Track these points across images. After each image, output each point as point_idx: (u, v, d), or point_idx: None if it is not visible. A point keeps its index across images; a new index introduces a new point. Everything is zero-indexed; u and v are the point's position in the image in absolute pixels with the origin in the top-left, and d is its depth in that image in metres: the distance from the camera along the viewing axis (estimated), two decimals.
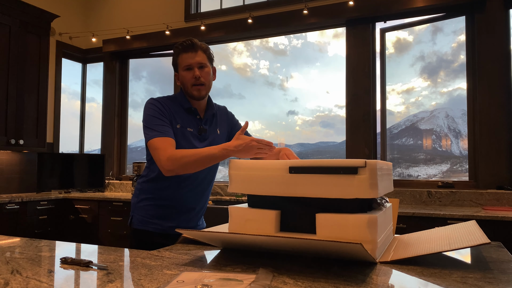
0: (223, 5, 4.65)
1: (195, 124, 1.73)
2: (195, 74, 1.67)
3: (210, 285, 0.88)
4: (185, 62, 1.68)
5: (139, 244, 1.66)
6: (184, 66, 1.69)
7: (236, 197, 3.91)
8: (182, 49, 1.69)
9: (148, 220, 1.71)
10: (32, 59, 4.32)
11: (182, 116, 1.71)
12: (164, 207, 1.72)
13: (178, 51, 1.70)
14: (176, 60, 1.72)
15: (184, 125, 1.70)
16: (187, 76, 1.69)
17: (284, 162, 1.25)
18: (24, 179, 4.59)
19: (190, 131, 1.70)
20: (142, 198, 1.74)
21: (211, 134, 1.78)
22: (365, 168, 1.12)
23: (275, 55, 4.94)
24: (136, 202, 1.76)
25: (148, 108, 1.66)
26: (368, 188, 1.11)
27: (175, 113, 1.69)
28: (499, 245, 1.39)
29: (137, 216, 1.73)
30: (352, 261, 1.12)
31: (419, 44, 4.02)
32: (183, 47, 1.69)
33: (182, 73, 1.70)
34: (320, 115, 4.64)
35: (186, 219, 1.76)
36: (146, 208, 1.72)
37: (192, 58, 1.67)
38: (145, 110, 1.67)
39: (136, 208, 1.75)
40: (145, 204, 1.73)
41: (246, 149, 1.47)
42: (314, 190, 1.18)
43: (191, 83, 1.69)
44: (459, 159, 3.91)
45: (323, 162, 1.18)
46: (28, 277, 0.97)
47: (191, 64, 1.68)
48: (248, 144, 1.46)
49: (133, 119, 5.36)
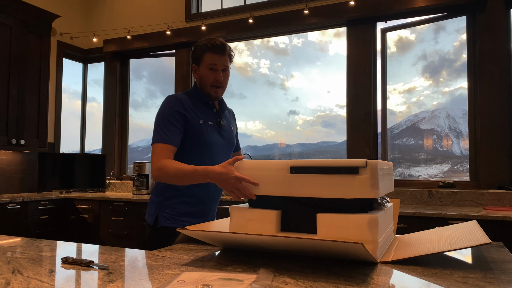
0: (223, 5, 4.65)
1: (213, 117, 1.78)
2: (217, 76, 1.71)
3: (211, 285, 0.88)
4: (211, 62, 1.70)
5: (166, 242, 1.57)
6: (208, 65, 1.71)
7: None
8: (212, 49, 1.70)
9: (177, 218, 1.71)
10: (33, 59, 4.33)
11: (202, 110, 1.74)
12: (192, 204, 1.74)
13: (206, 48, 1.71)
14: (201, 56, 1.72)
15: (206, 119, 1.73)
16: (209, 76, 1.71)
17: (285, 162, 1.25)
18: (25, 179, 4.59)
19: (211, 125, 1.75)
20: (169, 195, 1.74)
21: (228, 128, 1.84)
22: (366, 168, 1.12)
23: (276, 54, 4.94)
24: (162, 200, 1.75)
25: (165, 109, 1.68)
26: (369, 188, 1.11)
27: (196, 109, 1.72)
28: (500, 245, 1.39)
29: (164, 214, 1.72)
30: (353, 261, 1.12)
31: (421, 43, 4.02)
32: (213, 46, 1.69)
33: (205, 71, 1.72)
34: (321, 115, 4.64)
35: (211, 214, 1.82)
36: (175, 206, 1.72)
37: (219, 60, 1.70)
38: (162, 109, 1.68)
39: (163, 206, 1.73)
40: (174, 202, 1.73)
41: (223, 183, 1.37)
42: (315, 190, 1.18)
43: (211, 83, 1.72)
44: (460, 159, 3.90)
45: (324, 162, 1.18)
46: (29, 277, 0.97)
47: (216, 65, 1.70)
48: (227, 179, 1.34)
49: (134, 119, 5.36)
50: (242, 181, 1.29)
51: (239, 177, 1.30)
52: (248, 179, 1.28)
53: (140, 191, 4.51)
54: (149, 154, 5.61)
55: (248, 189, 1.29)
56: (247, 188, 1.29)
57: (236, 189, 1.32)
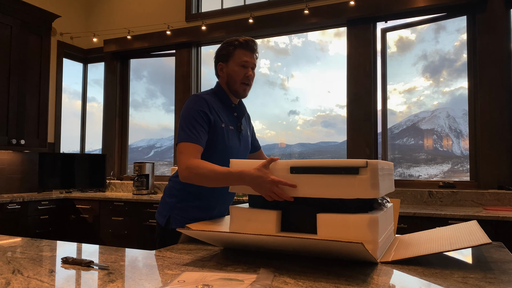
0: (224, 5, 4.65)
1: (234, 121, 1.76)
2: (248, 73, 1.71)
3: (211, 285, 0.88)
4: (243, 58, 1.70)
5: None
6: (240, 62, 1.70)
7: (237, 197, 3.91)
8: (245, 45, 1.70)
9: (189, 222, 1.66)
10: (34, 59, 4.33)
11: (224, 113, 1.72)
12: (203, 209, 1.71)
13: (238, 44, 1.71)
14: (232, 52, 1.71)
15: (227, 123, 1.71)
16: (240, 72, 1.70)
17: (285, 162, 1.25)
18: (25, 179, 4.60)
19: (232, 129, 1.73)
20: (182, 198, 1.71)
21: (245, 133, 1.83)
22: (366, 168, 1.12)
23: (276, 54, 4.94)
24: (175, 202, 1.71)
25: (192, 107, 1.63)
26: (369, 188, 1.11)
27: (219, 112, 1.70)
28: (500, 245, 1.39)
29: (177, 217, 1.69)
30: (353, 261, 1.12)
31: (422, 42, 4.02)
32: (246, 42, 1.70)
33: (235, 67, 1.71)
34: (321, 115, 4.63)
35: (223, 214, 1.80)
36: (187, 209, 1.70)
37: (251, 57, 1.72)
38: (188, 108, 1.64)
39: (176, 208, 1.70)
40: (187, 205, 1.70)
41: (259, 188, 1.30)
42: (315, 190, 1.18)
43: (241, 80, 1.71)
44: (460, 159, 3.90)
45: (324, 162, 1.18)
46: (29, 277, 0.97)
47: (248, 62, 1.71)
48: (263, 184, 1.28)
49: (134, 119, 5.36)
50: (278, 184, 1.25)
51: (275, 181, 1.25)
52: (285, 182, 1.24)
53: (140, 191, 4.51)
54: (150, 154, 5.62)
55: (285, 192, 1.25)
56: (283, 191, 1.25)
57: (272, 193, 1.26)
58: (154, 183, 4.66)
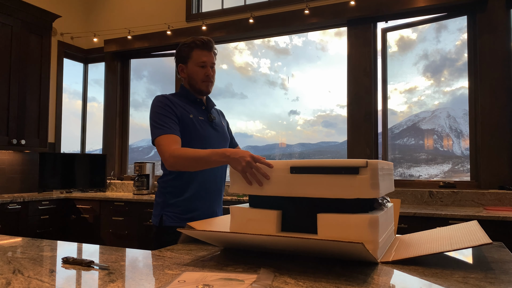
0: (224, 5, 4.65)
1: (203, 113, 1.83)
2: (208, 72, 1.79)
3: (212, 285, 0.88)
4: (201, 59, 1.77)
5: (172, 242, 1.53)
6: (198, 62, 1.78)
7: (237, 197, 3.91)
8: (201, 45, 1.77)
9: (181, 216, 1.73)
10: (34, 59, 4.33)
11: (190, 107, 1.79)
12: (192, 200, 1.75)
13: (194, 45, 1.78)
14: (189, 53, 1.79)
15: (195, 114, 1.78)
16: (199, 72, 1.78)
17: (285, 162, 1.25)
18: (26, 179, 4.60)
19: (202, 119, 1.79)
20: (170, 195, 1.76)
21: (219, 123, 1.89)
22: (367, 168, 1.12)
23: (277, 54, 4.94)
24: (165, 200, 1.77)
25: (156, 106, 1.72)
26: (369, 188, 1.11)
27: (184, 106, 1.77)
28: (501, 245, 1.39)
29: (168, 214, 1.74)
30: (353, 261, 1.12)
31: (423, 42, 4.01)
32: (201, 43, 1.77)
33: (194, 68, 1.78)
34: (321, 115, 4.63)
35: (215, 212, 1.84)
36: (177, 204, 1.75)
37: (207, 56, 1.78)
38: (153, 108, 1.72)
39: (166, 206, 1.76)
40: (176, 200, 1.75)
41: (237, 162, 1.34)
42: (315, 190, 1.18)
43: (201, 79, 1.78)
44: (460, 159, 3.90)
45: (324, 162, 1.18)
46: (30, 277, 0.97)
47: (206, 62, 1.78)
48: (243, 157, 1.33)
49: (135, 119, 5.37)
50: (257, 162, 1.30)
51: (255, 157, 1.32)
52: (263, 160, 1.29)
53: (141, 191, 4.51)
54: (150, 154, 5.62)
55: (262, 169, 1.27)
56: (261, 168, 1.28)
57: (250, 169, 1.29)
58: (154, 183, 4.66)
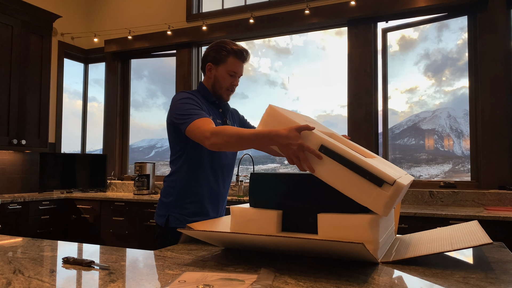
0: (224, 5, 4.65)
1: (219, 116, 1.81)
2: (235, 82, 1.78)
3: (212, 285, 0.88)
4: (234, 68, 1.74)
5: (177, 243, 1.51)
6: (230, 70, 1.74)
7: (237, 197, 3.91)
8: (239, 54, 1.74)
9: (187, 219, 1.71)
10: (34, 59, 4.33)
11: (209, 109, 1.76)
12: (199, 203, 1.74)
13: (232, 52, 1.73)
14: (225, 58, 1.73)
15: (214, 117, 1.74)
16: (227, 80, 1.75)
17: (319, 138, 1.17)
18: (26, 179, 4.60)
19: (220, 123, 1.78)
20: (178, 196, 1.74)
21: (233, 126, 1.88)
22: (391, 186, 1.07)
23: (277, 54, 4.93)
24: (172, 201, 1.74)
25: (182, 98, 1.67)
26: (382, 206, 1.07)
27: (207, 106, 1.75)
28: (501, 245, 1.39)
29: (175, 215, 1.73)
30: (354, 261, 1.12)
31: (424, 41, 4.00)
32: (240, 52, 1.74)
33: (224, 74, 1.75)
34: (322, 115, 4.63)
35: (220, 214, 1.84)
36: (185, 206, 1.73)
37: (241, 67, 1.76)
38: (178, 101, 1.66)
39: (173, 207, 1.74)
40: (183, 202, 1.73)
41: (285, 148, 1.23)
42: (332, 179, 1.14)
43: (227, 87, 1.77)
44: (461, 159, 3.90)
45: (356, 158, 1.12)
46: (30, 277, 0.97)
47: (237, 73, 1.76)
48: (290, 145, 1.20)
49: (135, 118, 5.37)
50: (305, 151, 1.18)
51: (304, 146, 1.17)
52: (313, 150, 1.16)
53: (141, 191, 4.51)
54: (151, 154, 5.62)
55: (309, 161, 1.17)
56: (307, 160, 1.18)
57: (296, 157, 1.20)
58: (154, 183, 4.66)
